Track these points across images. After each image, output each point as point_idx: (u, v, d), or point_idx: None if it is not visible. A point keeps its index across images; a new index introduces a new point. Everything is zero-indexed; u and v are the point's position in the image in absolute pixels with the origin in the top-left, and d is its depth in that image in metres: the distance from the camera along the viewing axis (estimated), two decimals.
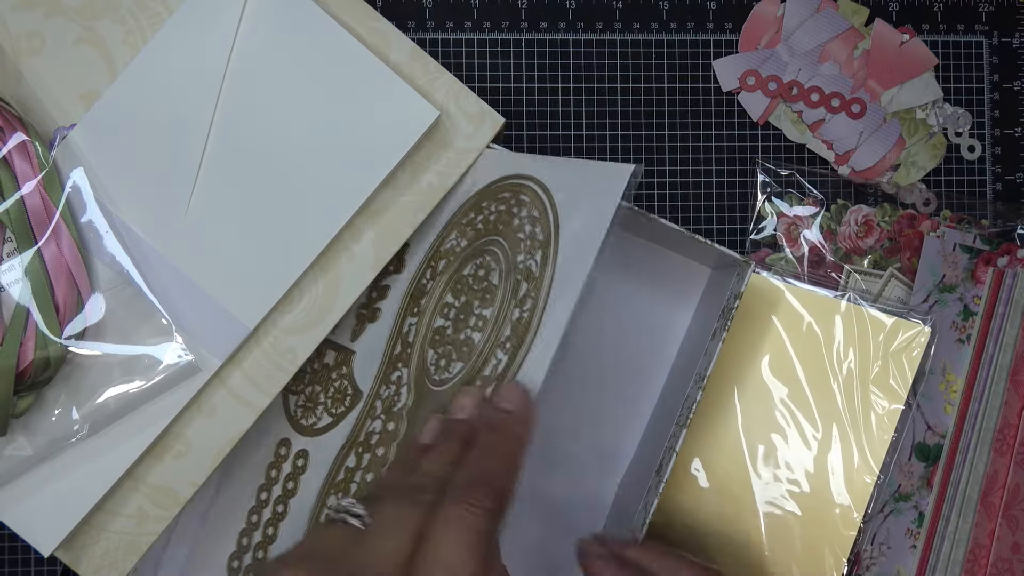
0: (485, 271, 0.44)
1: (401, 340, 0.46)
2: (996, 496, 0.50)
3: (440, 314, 0.45)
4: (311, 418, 0.48)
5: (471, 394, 0.39)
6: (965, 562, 0.49)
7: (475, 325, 0.43)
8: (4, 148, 0.41)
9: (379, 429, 0.45)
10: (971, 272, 0.52)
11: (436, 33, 0.54)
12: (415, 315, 0.46)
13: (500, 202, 0.45)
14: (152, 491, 0.43)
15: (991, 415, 0.50)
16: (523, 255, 0.43)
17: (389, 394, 0.46)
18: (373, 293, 0.48)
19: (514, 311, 0.42)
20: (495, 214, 0.45)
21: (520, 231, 0.44)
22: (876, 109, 0.55)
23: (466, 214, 0.46)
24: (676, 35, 0.55)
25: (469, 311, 0.44)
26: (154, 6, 0.43)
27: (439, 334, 0.45)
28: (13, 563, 0.51)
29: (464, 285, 0.45)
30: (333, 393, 0.48)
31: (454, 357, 0.44)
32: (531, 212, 0.44)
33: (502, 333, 0.42)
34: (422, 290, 0.47)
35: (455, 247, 0.46)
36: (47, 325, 0.40)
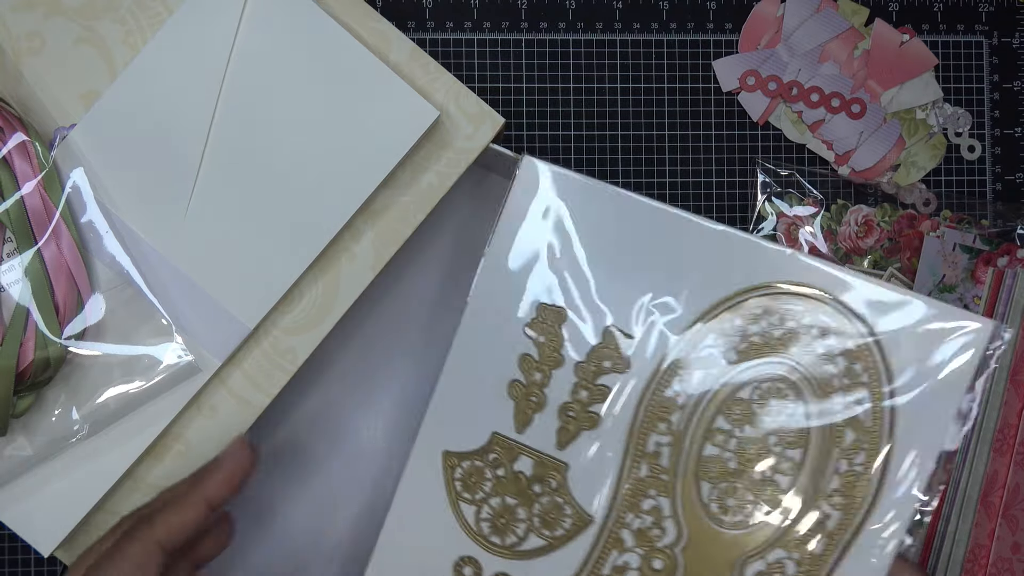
0: (778, 399, 0.40)
1: (647, 462, 0.40)
2: (996, 496, 0.50)
3: (710, 440, 0.40)
4: (510, 537, 0.42)
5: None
6: (965, 562, 0.49)
7: (777, 466, 0.39)
8: (4, 148, 0.41)
9: (636, 564, 0.41)
10: (971, 272, 0.52)
11: (436, 33, 0.54)
12: (664, 433, 0.40)
13: (786, 316, 0.40)
14: (152, 491, 0.43)
15: (991, 415, 0.50)
16: (841, 395, 0.39)
17: (642, 526, 0.41)
18: (583, 393, 0.41)
19: (840, 462, 0.39)
20: (782, 329, 0.40)
21: (829, 363, 0.39)
22: (876, 109, 0.55)
23: (726, 319, 0.40)
24: (676, 35, 0.55)
25: (763, 447, 0.40)
26: (154, 6, 0.43)
27: (715, 465, 0.40)
28: (13, 563, 0.51)
29: (746, 412, 0.40)
30: (541, 511, 0.41)
31: (750, 498, 0.40)
32: (843, 343, 0.39)
33: (826, 484, 0.39)
34: (668, 403, 0.40)
35: (718, 357, 0.40)
36: (47, 325, 0.40)
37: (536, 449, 0.42)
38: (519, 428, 0.42)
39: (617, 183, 0.54)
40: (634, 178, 0.54)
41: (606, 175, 0.54)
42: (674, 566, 0.40)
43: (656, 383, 0.41)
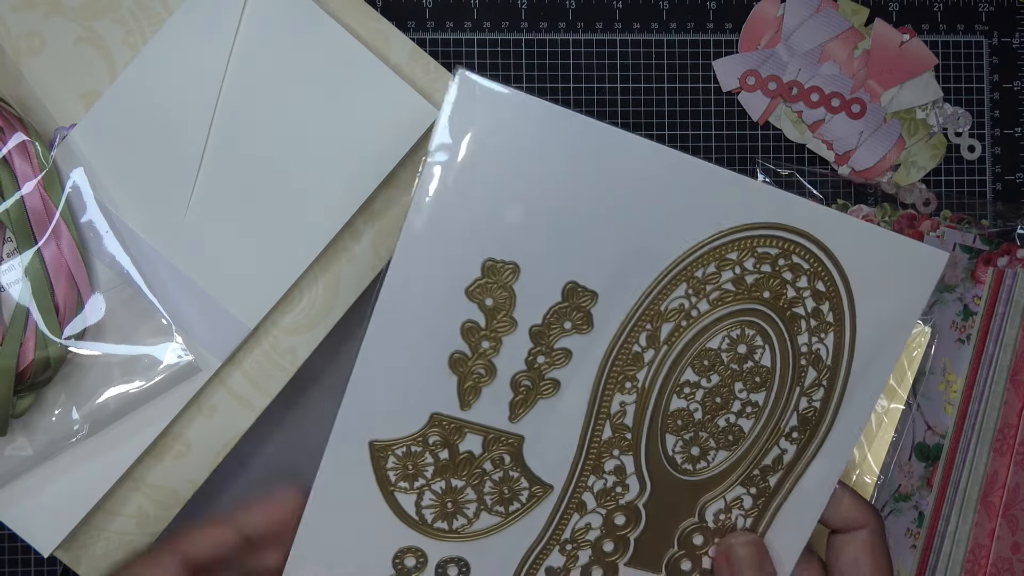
0: (747, 347, 0.39)
1: (611, 423, 0.39)
2: (996, 496, 0.50)
3: (678, 394, 0.39)
4: (459, 520, 0.39)
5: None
6: (965, 562, 0.49)
7: (742, 411, 0.39)
8: (4, 148, 0.41)
9: (599, 524, 0.40)
10: (971, 272, 0.52)
11: (436, 33, 0.54)
12: (629, 392, 0.39)
13: (761, 260, 0.38)
14: (152, 491, 0.43)
15: (991, 415, 0.50)
16: (806, 336, 0.39)
17: (604, 486, 0.39)
18: (540, 359, 0.38)
19: (800, 399, 0.40)
20: (755, 275, 0.38)
21: (798, 305, 0.39)
22: (876, 109, 0.55)
23: (701, 264, 0.38)
24: (676, 35, 0.55)
25: (729, 394, 0.39)
26: (154, 6, 0.43)
27: (680, 418, 0.39)
28: (13, 563, 0.51)
29: (713, 362, 0.39)
30: (494, 487, 0.39)
31: (712, 445, 0.40)
32: (813, 285, 0.39)
33: (786, 422, 0.40)
34: (635, 360, 0.38)
35: (688, 309, 0.38)
36: (47, 325, 0.40)
37: (486, 425, 0.38)
38: (464, 405, 0.38)
39: None
40: None
41: None
42: (637, 518, 0.40)
43: (623, 340, 0.38)
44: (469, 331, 0.37)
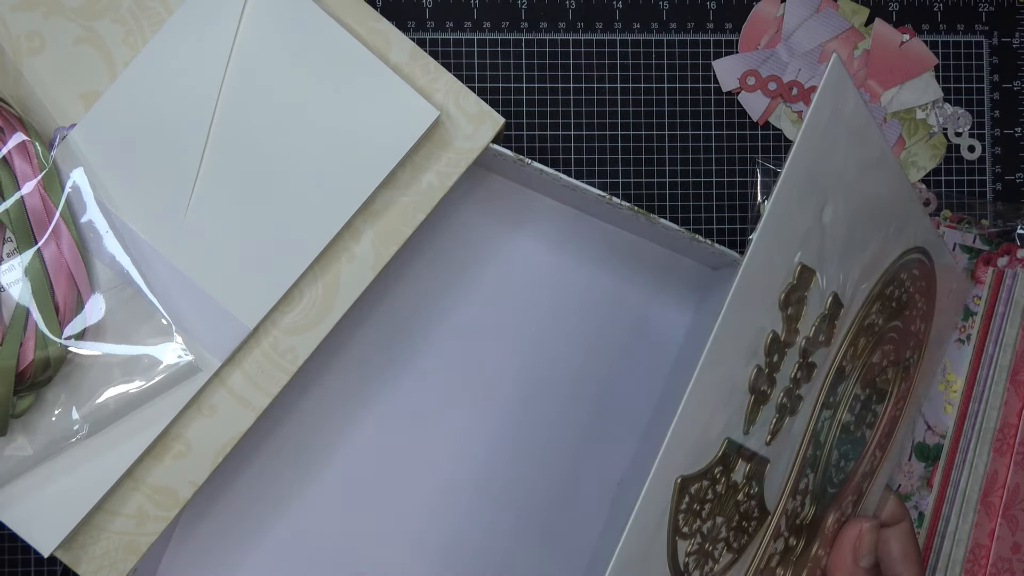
0: (886, 362, 0.40)
1: (813, 440, 0.37)
2: (996, 496, 0.50)
3: (849, 408, 0.38)
4: (708, 564, 0.34)
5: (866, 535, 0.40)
6: (965, 562, 0.49)
7: (868, 421, 0.40)
8: (4, 148, 0.41)
9: (781, 549, 0.37)
10: (971, 272, 0.52)
11: (436, 33, 0.54)
12: (830, 407, 0.37)
13: (912, 281, 0.39)
14: (152, 491, 0.43)
15: (991, 415, 0.50)
16: (910, 352, 0.40)
17: (794, 507, 0.37)
18: (799, 373, 0.35)
19: (893, 409, 0.41)
20: (905, 295, 0.39)
21: (914, 323, 0.40)
22: (876, 109, 0.55)
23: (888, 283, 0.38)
24: (676, 35, 0.55)
25: (868, 406, 0.39)
26: (154, 6, 0.43)
27: (845, 431, 0.38)
28: (13, 563, 0.51)
29: (873, 375, 0.39)
30: (737, 522, 0.35)
31: (849, 456, 0.39)
32: (922, 307, 0.40)
33: (883, 430, 0.41)
34: (840, 375, 0.37)
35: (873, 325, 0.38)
36: (47, 325, 0.40)
37: (752, 449, 0.34)
38: (746, 428, 0.34)
39: (617, 183, 0.54)
40: (634, 178, 0.54)
41: (606, 175, 0.54)
42: (800, 538, 0.38)
43: (841, 355, 0.36)
44: (771, 344, 0.33)
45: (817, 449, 0.37)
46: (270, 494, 0.50)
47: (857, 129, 0.34)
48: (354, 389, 0.50)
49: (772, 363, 0.34)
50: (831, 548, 0.41)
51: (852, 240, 0.35)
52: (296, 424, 0.50)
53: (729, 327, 0.32)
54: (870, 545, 0.41)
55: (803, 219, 0.33)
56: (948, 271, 0.41)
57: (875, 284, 0.37)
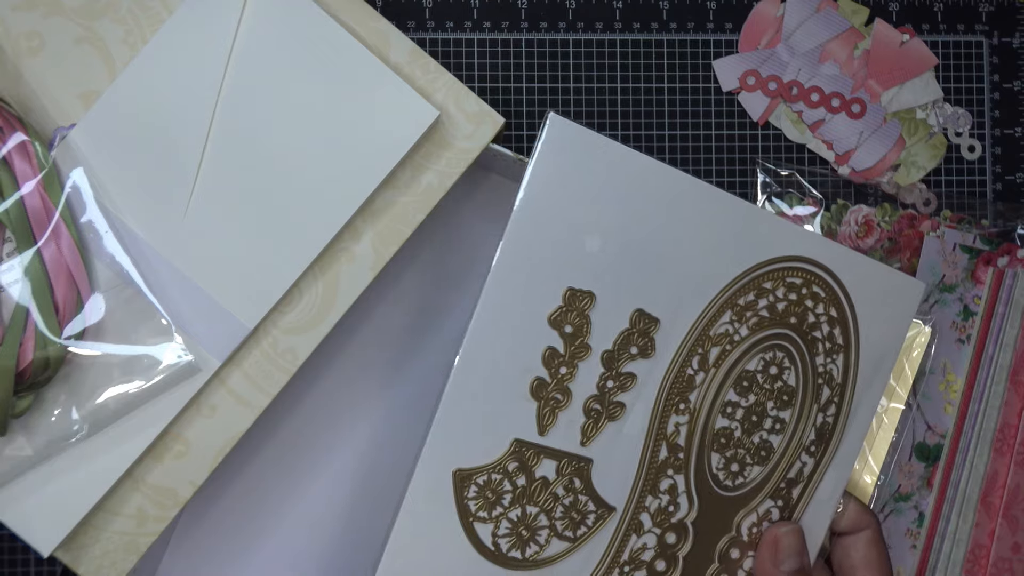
0: (777, 368, 0.42)
1: (667, 444, 0.41)
2: (996, 496, 0.50)
3: (722, 413, 0.42)
4: (531, 547, 0.40)
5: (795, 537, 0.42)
6: (965, 562, 0.49)
7: (772, 427, 0.42)
8: (4, 148, 0.41)
9: (653, 543, 0.41)
10: (971, 272, 0.52)
11: (436, 33, 0.54)
12: (683, 413, 0.41)
13: (789, 289, 0.42)
14: (152, 491, 0.43)
15: (991, 415, 0.50)
16: (822, 357, 0.43)
17: (660, 505, 0.41)
18: (610, 383, 0.40)
19: (817, 415, 0.43)
20: (784, 303, 0.42)
21: (816, 329, 0.42)
22: (876, 109, 0.55)
23: (743, 293, 0.41)
24: (676, 35, 0.55)
25: (763, 412, 0.42)
26: (154, 6, 0.43)
27: (724, 436, 0.42)
28: (13, 563, 0.51)
29: (752, 382, 0.42)
30: (564, 512, 0.40)
31: (748, 461, 0.42)
32: (828, 311, 0.43)
33: (806, 436, 0.43)
34: (689, 383, 0.41)
35: (732, 333, 0.41)
36: (47, 325, 0.40)
37: (561, 450, 0.40)
38: (542, 430, 0.40)
39: None
40: None
41: None
42: (686, 536, 0.42)
43: (680, 364, 0.41)
44: (549, 357, 0.39)
45: (677, 452, 0.41)
46: (270, 494, 0.50)
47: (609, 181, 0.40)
48: (354, 388, 0.50)
49: (558, 374, 0.39)
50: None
51: (645, 261, 0.40)
52: (296, 424, 0.50)
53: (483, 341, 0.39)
54: (789, 549, 0.42)
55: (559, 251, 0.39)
56: (876, 279, 0.43)
57: (715, 296, 0.41)
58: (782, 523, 0.43)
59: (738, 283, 0.41)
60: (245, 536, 0.50)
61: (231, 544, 0.50)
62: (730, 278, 0.41)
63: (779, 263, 0.42)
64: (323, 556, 0.50)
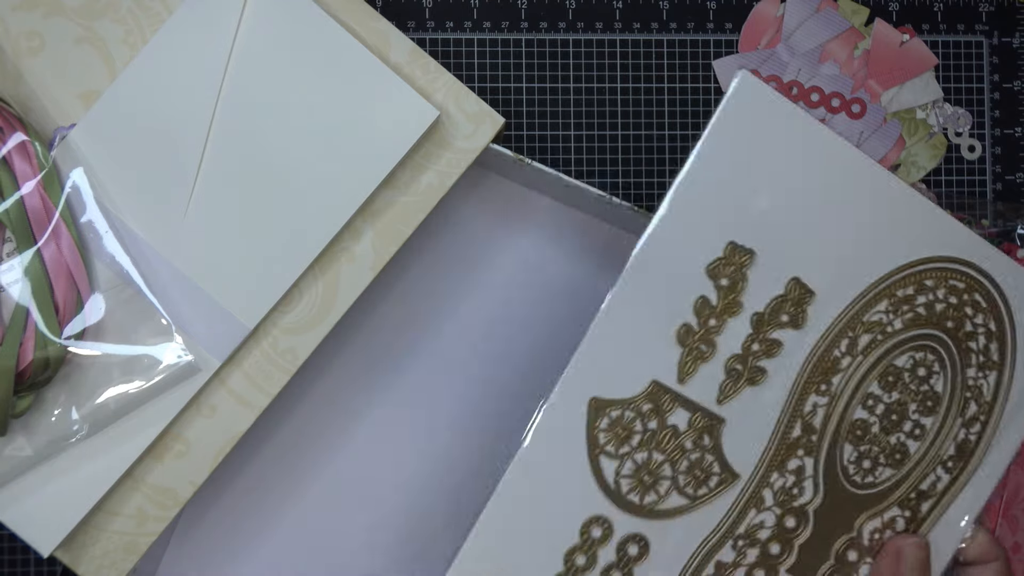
0: (926, 371, 0.41)
1: (802, 422, 0.40)
2: (996, 496, 0.50)
3: (863, 404, 0.40)
4: (650, 495, 0.39)
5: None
6: None
7: (911, 432, 0.41)
8: (4, 148, 0.41)
9: (771, 523, 0.40)
10: None
11: (436, 33, 0.54)
12: (823, 394, 0.40)
13: (950, 292, 0.41)
14: (152, 491, 0.43)
15: None
16: (974, 370, 0.41)
17: (784, 485, 0.40)
18: (754, 345, 0.39)
19: (960, 430, 0.41)
20: (943, 304, 0.41)
21: (972, 340, 0.41)
22: (876, 109, 0.55)
23: (903, 285, 0.41)
24: (676, 35, 0.55)
25: (904, 413, 0.41)
26: (154, 6, 0.43)
27: (860, 428, 0.40)
28: (13, 563, 0.51)
29: (898, 379, 0.41)
30: (689, 468, 0.39)
31: (882, 461, 0.41)
32: (987, 323, 0.41)
33: (945, 450, 0.41)
34: (834, 365, 0.40)
35: (886, 324, 0.40)
36: (47, 325, 0.40)
37: (696, 402, 0.39)
38: (682, 378, 0.39)
39: (617, 183, 0.54)
40: (634, 178, 0.54)
41: (606, 175, 0.54)
42: (805, 524, 0.40)
43: (828, 343, 0.40)
44: (701, 306, 0.39)
45: (811, 434, 0.40)
46: (270, 494, 0.50)
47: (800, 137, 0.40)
48: (354, 388, 0.50)
49: (707, 325, 0.39)
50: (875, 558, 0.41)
51: (810, 232, 0.40)
52: (296, 424, 0.50)
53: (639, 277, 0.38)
54: (913, 563, 0.40)
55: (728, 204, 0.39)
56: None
57: (875, 283, 0.40)
58: (908, 535, 0.41)
59: (899, 274, 0.40)
60: (245, 536, 0.50)
61: (231, 544, 0.50)
62: (892, 267, 0.40)
63: (944, 263, 0.41)
64: (323, 556, 0.50)
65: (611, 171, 0.54)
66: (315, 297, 0.44)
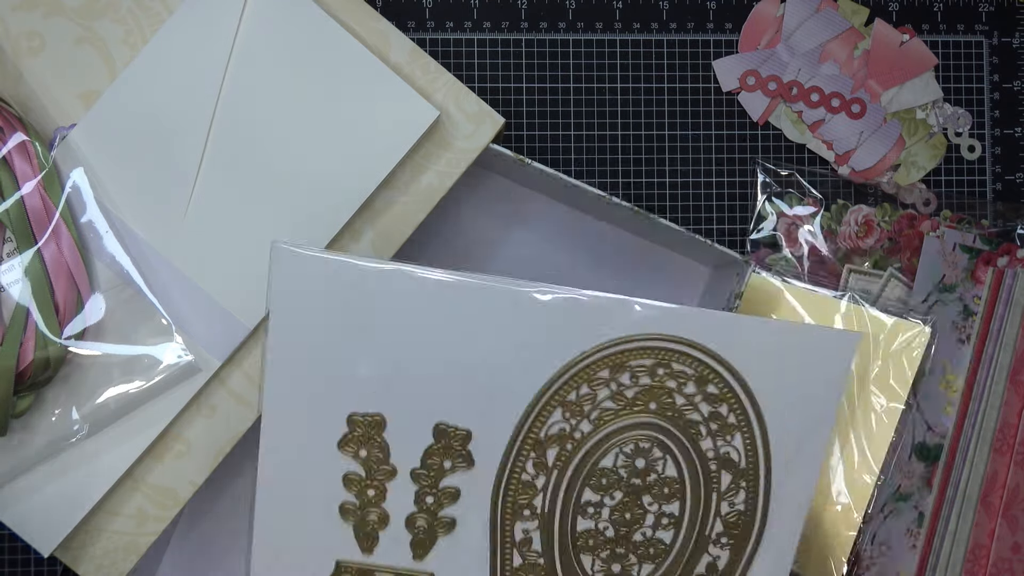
0: (646, 461, 0.39)
1: (518, 550, 0.39)
2: (996, 496, 0.50)
3: (581, 515, 0.39)
4: None
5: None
6: (965, 562, 0.49)
7: (657, 523, 0.39)
8: (4, 148, 0.41)
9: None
10: (971, 272, 0.52)
11: (436, 33, 0.54)
12: (528, 519, 0.39)
13: (636, 373, 0.38)
14: (152, 491, 0.43)
15: (991, 415, 0.50)
16: (709, 440, 0.39)
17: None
18: (429, 499, 0.39)
19: (721, 504, 0.39)
20: (635, 389, 0.38)
21: (691, 411, 0.39)
22: (876, 109, 0.55)
23: (571, 389, 0.38)
24: (676, 35, 0.55)
25: (639, 509, 0.39)
26: (154, 6, 0.43)
27: (592, 538, 0.39)
28: (13, 563, 0.51)
29: (612, 480, 0.39)
30: None
31: (634, 560, 0.39)
32: (703, 388, 0.38)
33: (710, 528, 0.39)
34: (528, 487, 0.39)
35: (570, 432, 0.39)
36: (47, 325, 0.40)
37: (393, 567, 0.39)
38: (366, 550, 0.39)
39: (617, 183, 0.54)
40: (634, 178, 0.54)
41: (606, 175, 0.54)
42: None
43: (509, 471, 0.39)
44: (351, 482, 0.38)
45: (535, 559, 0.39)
46: None
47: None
48: None
49: (366, 496, 0.38)
50: None
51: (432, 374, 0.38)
52: None
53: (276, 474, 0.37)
54: None
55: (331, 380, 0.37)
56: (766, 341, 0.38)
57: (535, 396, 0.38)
58: None
59: (560, 379, 0.38)
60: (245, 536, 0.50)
61: (231, 544, 0.50)
62: (547, 376, 0.38)
63: (613, 346, 0.38)
64: None
65: (611, 171, 0.54)
66: None
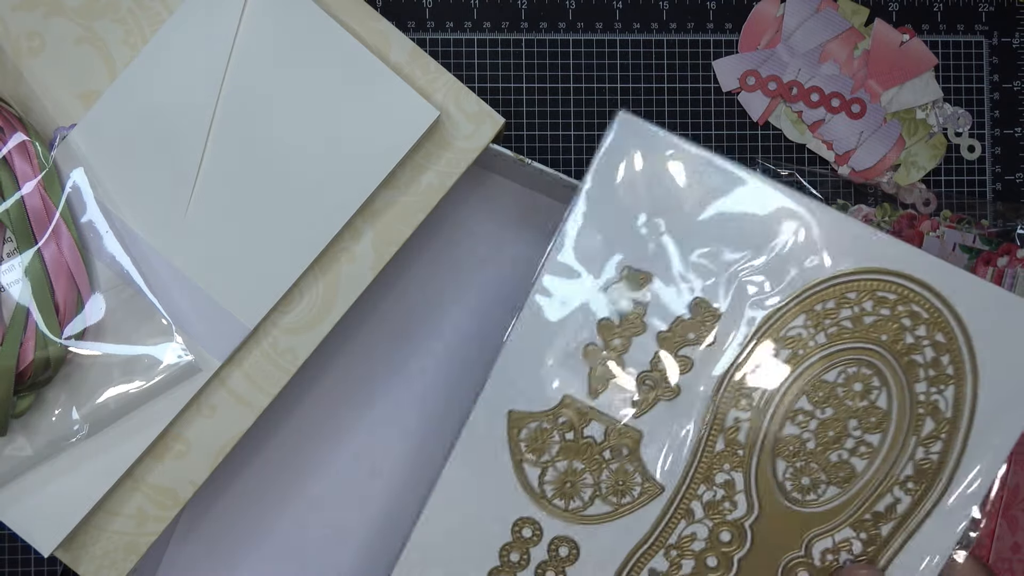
0: (864, 387, 0.40)
1: (724, 436, 0.40)
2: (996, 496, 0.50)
3: (791, 420, 0.40)
4: (575, 501, 0.41)
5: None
6: None
7: (855, 450, 0.40)
8: (4, 148, 0.41)
9: (704, 536, 0.40)
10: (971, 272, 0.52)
11: (436, 33, 0.54)
12: (744, 409, 0.40)
13: (879, 303, 0.40)
14: (152, 491, 0.43)
15: None
16: (924, 385, 0.40)
17: (713, 498, 0.40)
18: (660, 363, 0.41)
19: (917, 449, 0.40)
20: (873, 317, 0.40)
21: (916, 353, 0.40)
22: (876, 109, 0.55)
23: (821, 299, 0.40)
24: (676, 35, 0.55)
25: (843, 431, 0.40)
26: (154, 6, 0.43)
27: (792, 444, 0.40)
28: (13, 563, 0.51)
29: (828, 395, 0.40)
30: (610, 477, 0.40)
31: (824, 479, 0.40)
32: (933, 335, 0.40)
33: (900, 470, 0.40)
34: (752, 378, 0.40)
35: (806, 339, 0.40)
36: (47, 325, 0.40)
37: (610, 416, 0.40)
38: (593, 393, 0.41)
39: None
40: None
41: None
42: (743, 539, 0.41)
43: (742, 358, 0.40)
44: (604, 328, 0.41)
45: (736, 448, 0.40)
46: (270, 494, 0.50)
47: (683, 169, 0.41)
48: (354, 388, 0.50)
49: (610, 344, 0.41)
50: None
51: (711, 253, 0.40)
52: (296, 424, 0.50)
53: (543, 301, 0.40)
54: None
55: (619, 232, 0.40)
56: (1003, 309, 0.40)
57: (789, 298, 0.40)
58: (865, 566, 0.39)
59: (814, 288, 0.40)
60: (245, 536, 0.50)
61: (231, 544, 0.50)
62: (806, 283, 0.40)
63: (866, 274, 0.40)
64: (323, 555, 0.50)
65: None
66: (315, 297, 0.44)
